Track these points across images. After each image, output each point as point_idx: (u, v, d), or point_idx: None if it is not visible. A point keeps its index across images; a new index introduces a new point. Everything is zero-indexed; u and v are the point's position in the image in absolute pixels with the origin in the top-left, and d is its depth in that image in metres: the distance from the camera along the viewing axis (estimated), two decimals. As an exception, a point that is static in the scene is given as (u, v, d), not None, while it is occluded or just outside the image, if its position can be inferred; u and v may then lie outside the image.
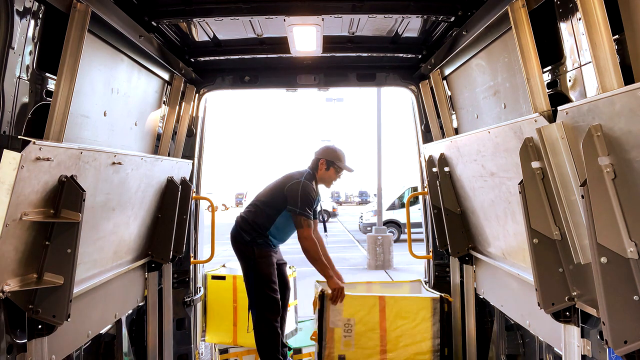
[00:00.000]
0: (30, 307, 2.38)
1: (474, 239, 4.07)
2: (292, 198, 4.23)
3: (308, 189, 4.27)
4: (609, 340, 1.99)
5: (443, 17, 3.47)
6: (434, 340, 4.02)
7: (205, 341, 5.20)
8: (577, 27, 2.26)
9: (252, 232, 4.32)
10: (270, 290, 4.27)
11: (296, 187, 4.27)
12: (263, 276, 4.26)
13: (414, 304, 4.09)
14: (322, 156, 4.52)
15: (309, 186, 4.30)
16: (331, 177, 4.55)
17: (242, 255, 4.36)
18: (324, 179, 4.55)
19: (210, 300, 5.12)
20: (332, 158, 4.50)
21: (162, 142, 4.12)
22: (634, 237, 1.92)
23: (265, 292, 4.26)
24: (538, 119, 2.33)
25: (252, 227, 4.35)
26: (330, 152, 4.54)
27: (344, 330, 4.06)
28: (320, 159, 4.51)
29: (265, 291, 4.26)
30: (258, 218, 4.36)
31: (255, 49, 4.23)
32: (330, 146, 4.64)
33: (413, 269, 13.55)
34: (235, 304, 5.03)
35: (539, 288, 2.53)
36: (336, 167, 4.51)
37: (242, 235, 4.33)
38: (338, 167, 4.52)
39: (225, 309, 5.06)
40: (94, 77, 2.91)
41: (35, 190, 2.22)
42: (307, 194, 4.25)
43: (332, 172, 4.52)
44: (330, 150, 4.57)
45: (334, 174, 4.54)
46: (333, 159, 4.51)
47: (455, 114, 4.17)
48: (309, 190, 4.28)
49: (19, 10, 2.18)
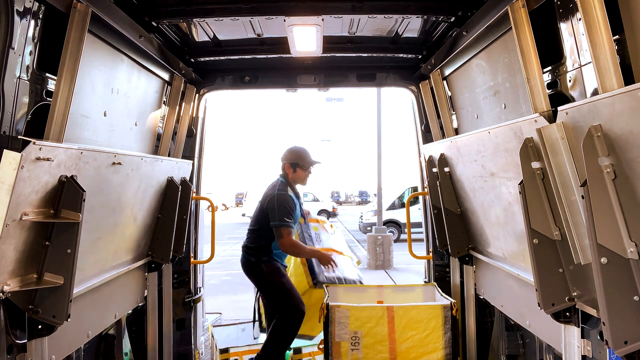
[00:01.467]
0: (30, 307, 2.37)
1: (474, 239, 4.07)
2: (272, 213, 4.49)
3: (282, 199, 4.51)
4: (609, 341, 1.99)
5: (443, 17, 3.46)
6: (445, 350, 3.88)
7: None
8: (577, 27, 2.26)
9: (256, 254, 4.62)
10: (295, 300, 4.48)
11: (272, 202, 4.52)
12: (278, 286, 4.52)
13: (424, 313, 3.92)
14: (285, 161, 4.78)
15: (282, 196, 4.55)
16: (302, 176, 4.77)
17: (252, 276, 4.69)
18: (296, 181, 4.78)
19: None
20: (294, 160, 4.74)
21: (162, 142, 4.12)
22: (634, 237, 1.92)
23: (290, 300, 4.48)
24: (538, 119, 2.33)
25: (255, 250, 4.65)
26: (291, 155, 4.77)
27: (351, 343, 3.91)
28: (285, 164, 4.76)
29: (290, 299, 4.48)
30: (257, 242, 4.66)
31: (255, 49, 4.23)
32: (290, 148, 4.86)
33: (413, 269, 13.54)
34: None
35: (539, 288, 2.53)
36: (301, 165, 4.72)
37: (248, 258, 4.66)
38: (303, 166, 4.72)
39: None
40: (94, 77, 2.91)
41: (35, 190, 2.22)
42: (282, 205, 4.48)
43: (300, 172, 4.74)
44: (290, 153, 4.79)
45: (303, 173, 4.76)
46: (295, 160, 4.73)
47: (455, 114, 4.17)
48: (284, 200, 4.52)
49: (19, 10, 2.18)
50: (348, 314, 3.94)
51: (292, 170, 4.72)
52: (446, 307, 3.93)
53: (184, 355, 4.61)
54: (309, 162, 4.77)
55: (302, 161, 4.73)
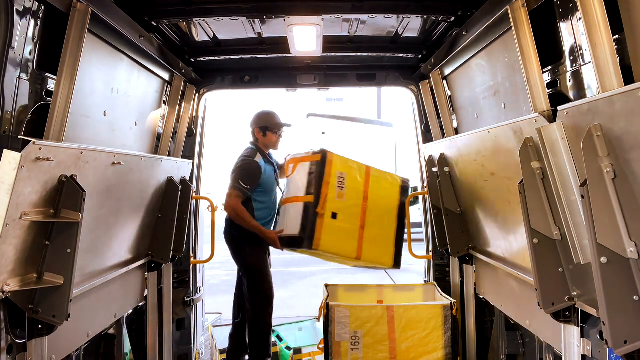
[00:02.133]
0: (30, 307, 2.37)
1: (474, 239, 4.06)
2: (231, 175, 4.37)
3: (242, 164, 4.40)
4: (609, 340, 1.99)
5: (443, 17, 3.47)
6: (445, 350, 3.90)
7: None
8: (577, 27, 2.26)
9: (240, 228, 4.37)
10: (267, 287, 4.39)
11: (234, 167, 4.43)
12: (257, 272, 4.41)
13: (424, 313, 3.95)
14: (254, 125, 4.59)
15: (243, 161, 4.41)
16: (272, 140, 4.60)
17: (234, 252, 4.51)
18: (267, 145, 4.60)
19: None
20: (263, 123, 4.55)
21: (162, 142, 4.12)
22: (634, 237, 1.92)
23: (262, 288, 4.38)
24: (538, 119, 2.33)
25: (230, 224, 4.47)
26: (260, 119, 4.59)
27: (351, 343, 3.92)
28: (254, 129, 4.58)
29: (261, 287, 4.38)
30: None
31: (255, 49, 4.23)
32: (258, 113, 4.67)
33: (413, 268, 13.48)
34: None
35: (539, 288, 2.53)
36: (270, 129, 4.55)
37: (232, 233, 4.47)
38: (272, 128, 4.56)
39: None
40: (94, 77, 2.91)
41: (35, 190, 2.22)
42: (241, 169, 4.36)
43: (270, 135, 4.57)
44: (259, 117, 4.61)
45: (273, 136, 4.59)
46: (264, 123, 4.55)
47: (455, 114, 4.17)
48: (244, 165, 4.39)
49: (19, 10, 2.18)
50: (348, 313, 3.95)
51: (262, 135, 4.53)
52: (446, 307, 3.94)
53: (184, 355, 4.61)
54: (279, 124, 4.60)
55: (271, 124, 4.56)
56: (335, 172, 4.30)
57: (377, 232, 4.43)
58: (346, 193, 4.32)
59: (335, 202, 4.25)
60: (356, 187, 4.39)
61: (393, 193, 4.57)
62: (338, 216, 4.24)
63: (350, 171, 4.40)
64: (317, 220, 4.16)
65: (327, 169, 4.27)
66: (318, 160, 4.29)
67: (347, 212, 4.31)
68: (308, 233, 4.14)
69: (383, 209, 4.49)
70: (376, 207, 4.44)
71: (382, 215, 4.48)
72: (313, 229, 4.15)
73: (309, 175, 4.32)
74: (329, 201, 4.22)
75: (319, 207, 4.16)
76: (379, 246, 4.45)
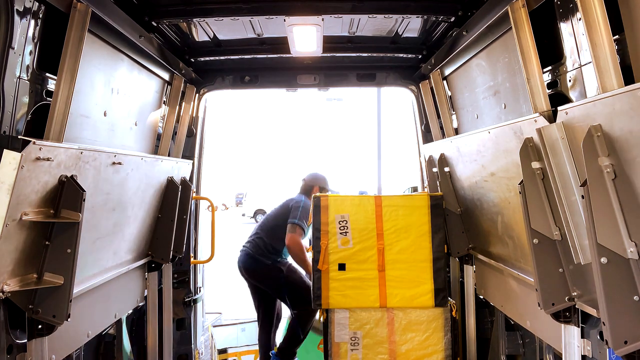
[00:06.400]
0: (30, 307, 2.37)
1: (474, 239, 4.06)
2: (294, 212, 4.89)
3: (309, 206, 4.72)
4: (609, 341, 1.99)
5: (443, 17, 3.47)
6: (445, 352, 3.89)
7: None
8: (577, 27, 2.26)
9: (270, 255, 5.00)
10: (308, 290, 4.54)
11: (299, 203, 4.97)
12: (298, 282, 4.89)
13: (424, 316, 3.94)
14: (316, 183, 5.32)
15: (307, 202, 4.94)
16: None
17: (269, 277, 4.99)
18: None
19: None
20: (323, 184, 5.32)
21: (162, 142, 4.12)
22: (634, 237, 1.92)
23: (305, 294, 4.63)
24: (538, 119, 2.33)
25: (269, 251, 5.02)
26: (321, 179, 5.35)
27: (351, 344, 3.92)
28: (315, 186, 5.28)
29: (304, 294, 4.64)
30: (273, 242, 5.01)
31: (255, 49, 4.23)
32: (318, 174, 5.42)
33: (413, 269, 13.49)
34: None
35: (539, 288, 2.53)
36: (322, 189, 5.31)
37: (262, 260, 4.99)
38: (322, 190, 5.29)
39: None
40: (94, 77, 2.91)
41: (35, 190, 2.22)
42: (307, 210, 4.81)
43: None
44: (321, 178, 5.37)
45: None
46: (324, 184, 5.32)
47: (455, 114, 4.17)
48: (307, 206, 4.82)
49: (19, 10, 2.18)
50: (347, 314, 3.96)
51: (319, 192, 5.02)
52: (446, 309, 3.95)
53: (184, 355, 4.61)
54: (329, 188, 5.32)
55: (327, 186, 5.32)
56: (335, 217, 3.96)
57: (403, 272, 3.95)
58: (352, 237, 3.94)
59: (340, 252, 3.93)
60: (364, 227, 3.98)
61: (420, 217, 4.01)
62: (347, 266, 3.91)
63: (354, 210, 4.01)
64: (322, 277, 3.89)
65: (322, 217, 3.96)
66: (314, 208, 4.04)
67: (358, 258, 3.94)
68: (316, 292, 3.92)
69: (408, 241, 3.98)
70: (397, 241, 3.97)
71: (407, 249, 3.97)
72: (319, 286, 3.90)
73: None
74: (331, 252, 3.92)
75: (319, 264, 3.91)
76: (409, 287, 3.94)
